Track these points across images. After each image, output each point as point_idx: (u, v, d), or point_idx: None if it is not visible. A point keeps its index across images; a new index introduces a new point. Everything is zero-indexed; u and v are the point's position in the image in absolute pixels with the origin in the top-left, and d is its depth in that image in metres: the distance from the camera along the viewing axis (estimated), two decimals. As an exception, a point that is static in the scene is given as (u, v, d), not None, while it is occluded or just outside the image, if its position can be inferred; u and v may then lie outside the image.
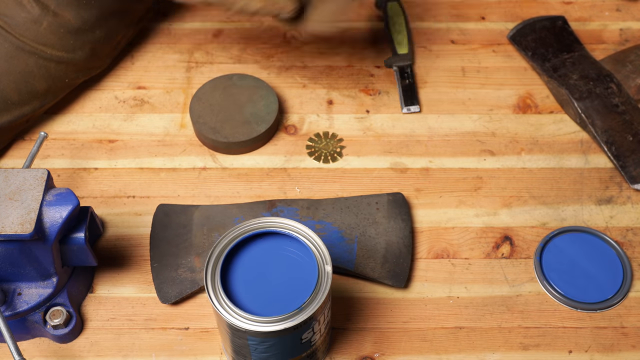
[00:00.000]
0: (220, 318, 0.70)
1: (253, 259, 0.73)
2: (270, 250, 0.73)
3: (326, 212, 0.89)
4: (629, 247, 0.90)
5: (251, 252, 0.73)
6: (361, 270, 0.85)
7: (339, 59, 1.07)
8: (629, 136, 0.96)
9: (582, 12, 1.12)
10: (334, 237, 0.87)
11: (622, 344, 0.83)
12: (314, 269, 0.71)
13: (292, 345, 0.72)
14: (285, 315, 0.68)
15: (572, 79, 1.01)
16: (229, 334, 0.72)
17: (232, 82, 1.01)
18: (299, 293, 0.70)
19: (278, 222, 0.73)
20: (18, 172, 0.77)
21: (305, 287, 0.70)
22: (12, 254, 0.76)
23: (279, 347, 0.71)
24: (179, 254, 0.86)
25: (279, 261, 0.72)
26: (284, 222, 0.73)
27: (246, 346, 0.71)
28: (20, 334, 0.81)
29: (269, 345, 0.70)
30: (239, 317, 0.68)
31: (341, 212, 0.89)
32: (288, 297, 0.70)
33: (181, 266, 0.86)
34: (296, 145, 0.98)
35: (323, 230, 0.87)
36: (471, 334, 0.83)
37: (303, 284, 0.71)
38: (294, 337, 0.70)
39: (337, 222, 0.88)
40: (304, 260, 0.72)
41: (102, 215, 0.91)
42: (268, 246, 0.73)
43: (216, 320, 0.75)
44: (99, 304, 0.85)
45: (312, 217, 0.88)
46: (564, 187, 0.94)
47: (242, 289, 0.71)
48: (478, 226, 0.91)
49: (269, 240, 0.73)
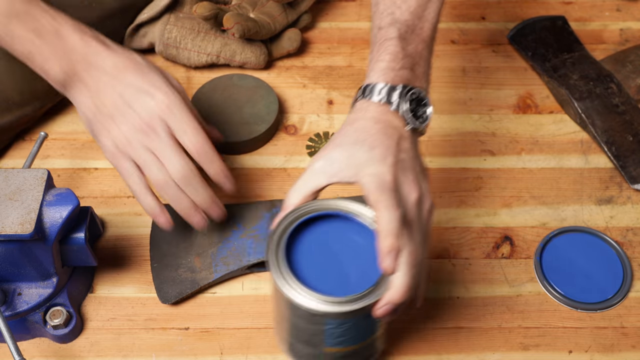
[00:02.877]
0: (292, 307, 0.68)
1: (314, 242, 0.71)
2: (330, 232, 0.72)
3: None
4: (629, 247, 0.90)
5: (311, 236, 0.71)
6: None
7: (339, 59, 1.07)
8: (629, 136, 0.96)
9: (582, 12, 1.12)
10: None
11: (622, 344, 0.83)
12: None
13: (367, 325, 0.71)
14: (365, 292, 0.67)
15: (572, 79, 1.01)
16: (300, 323, 0.70)
17: (232, 82, 1.01)
18: (368, 271, 0.69)
19: (335, 204, 0.72)
20: (18, 172, 0.77)
21: (373, 264, 0.69)
22: (12, 254, 0.76)
23: (355, 328, 0.70)
24: (179, 254, 0.86)
25: (340, 242, 0.71)
26: (342, 204, 0.72)
27: (321, 332, 0.70)
28: (20, 334, 0.81)
29: (346, 327, 0.69)
30: (318, 301, 0.67)
31: None
32: (357, 276, 0.69)
33: (181, 266, 0.86)
34: (296, 145, 0.98)
35: None
36: (471, 334, 0.83)
37: (370, 261, 0.69)
38: (370, 316, 0.69)
39: None
40: (365, 238, 0.71)
41: (102, 215, 0.91)
42: (327, 229, 0.72)
43: (279, 313, 0.73)
44: (99, 304, 0.85)
45: None
46: (564, 187, 0.94)
47: (309, 273, 0.69)
48: (478, 226, 0.91)
49: (326, 224, 0.72)
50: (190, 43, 1.01)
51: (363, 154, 0.70)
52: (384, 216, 0.68)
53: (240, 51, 1.02)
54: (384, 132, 0.72)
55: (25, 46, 0.78)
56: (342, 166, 0.71)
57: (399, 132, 0.73)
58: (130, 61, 0.79)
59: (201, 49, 1.01)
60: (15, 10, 0.77)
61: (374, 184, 0.69)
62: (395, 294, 0.68)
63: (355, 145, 0.71)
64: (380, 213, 0.68)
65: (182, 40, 1.01)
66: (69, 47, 0.78)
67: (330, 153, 0.72)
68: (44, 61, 0.78)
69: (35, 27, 0.77)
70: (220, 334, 0.83)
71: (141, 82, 0.78)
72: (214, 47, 1.02)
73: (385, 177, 0.69)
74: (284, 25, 1.05)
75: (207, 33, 1.02)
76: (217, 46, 1.02)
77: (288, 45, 1.04)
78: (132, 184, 0.79)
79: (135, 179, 0.79)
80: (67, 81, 0.79)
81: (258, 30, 1.00)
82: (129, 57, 0.80)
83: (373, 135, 0.71)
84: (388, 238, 0.67)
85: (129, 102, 0.78)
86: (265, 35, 1.02)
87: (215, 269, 0.84)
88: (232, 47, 1.02)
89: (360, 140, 0.71)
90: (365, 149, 0.71)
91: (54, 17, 0.78)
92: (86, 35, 0.79)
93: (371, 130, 0.72)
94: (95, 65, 0.78)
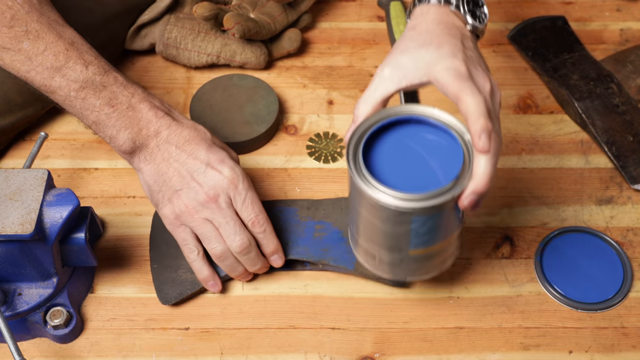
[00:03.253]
0: (379, 210, 0.70)
1: (390, 147, 0.73)
2: (405, 136, 0.73)
3: (326, 212, 0.89)
4: (629, 247, 0.90)
5: (387, 142, 0.73)
6: (361, 270, 0.84)
7: (339, 59, 1.07)
8: (629, 136, 0.96)
9: (583, 12, 1.12)
10: (334, 237, 0.87)
11: (623, 344, 0.83)
12: (456, 142, 0.72)
13: (449, 222, 0.72)
14: (448, 186, 0.69)
15: (573, 79, 1.01)
16: (387, 227, 0.71)
17: (232, 82, 1.01)
18: (447, 167, 0.71)
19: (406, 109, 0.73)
20: (18, 172, 0.77)
21: (450, 161, 0.71)
22: (12, 254, 0.76)
23: (439, 225, 0.72)
24: (178, 255, 0.86)
25: (415, 144, 0.73)
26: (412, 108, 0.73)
27: (407, 233, 0.71)
28: (20, 334, 0.81)
29: (431, 224, 0.71)
30: (405, 198, 0.68)
31: (341, 212, 0.89)
32: (437, 174, 0.71)
33: (181, 267, 0.86)
34: (296, 145, 0.98)
35: (323, 230, 0.87)
36: (471, 334, 0.83)
37: (447, 159, 0.71)
38: (455, 210, 0.71)
39: (337, 222, 0.88)
40: (440, 137, 0.73)
41: (102, 215, 0.91)
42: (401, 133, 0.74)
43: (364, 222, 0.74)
44: (99, 304, 0.85)
45: (312, 217, 0.88)
46: (564, 187, 0.94)
47: (391, 176, 0.71)
48: (478, 226, 0.91)
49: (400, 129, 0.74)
50: (190, 43, 1.01)
51: (431, 54, 0.73)
52: (471, 101, 0.70)
53: (241, 51, 1.02)
54: (448, 32, 0.75)
55: (97, 115, 0.80)
56: (411, 69, 0.73)
57: (461, 31, 0.76)
58: (197, 134, 0.82)
59: (201, 49, 1.02)
60: (91, 80, 0.79)
61: (452, 76, 0.71)
62: (480, 183, 0.69)
63: (421, 48, 0.73)
64: (466, 98, 0.70)
65: (182, 40, 1.01)
66: (140, 119, 0.80)
67: (397, 58, 0.74)
68: (114, 131, 0.80)
69: (109, 97, 0.79)
70: (220, 334, 0.83)
71: (208, 156, 0.81)
72: (214, 48, 1.02)
73: (460, 69, 0.71)
74: (284, 25, 1.05)
75: (207, 33, 1.02)
76: (217, 46, 1.02)
77: (288, 45, 1.04)
78: (188, 252, 0.82)
79: (192, 248, 0.82)
80: (134, 151, 0.81)
81: (258, 30, 1.00)
82: (196, 130, 0.82)
83: (438, 36, 0.74)
84: (480, 119, 0.69)
85: (195, 176, 0.80)
86: (266, 35, 1.02)
87: (215, 269, 0.84)
88: (232, 47, 1.02)
89: (426, 43, 0.74)
90: (432, 49, 0.73)
91: (126, 87, 0.80)
92: (156, 109, 0.81)
93: (435, 31, 0.74)
94: (164, 138, 0.80)
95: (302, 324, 0.84)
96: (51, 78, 0.79)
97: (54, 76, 0.78)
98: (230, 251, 0.81)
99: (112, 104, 0.79)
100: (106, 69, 0.80)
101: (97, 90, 0.79)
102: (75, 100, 0.79)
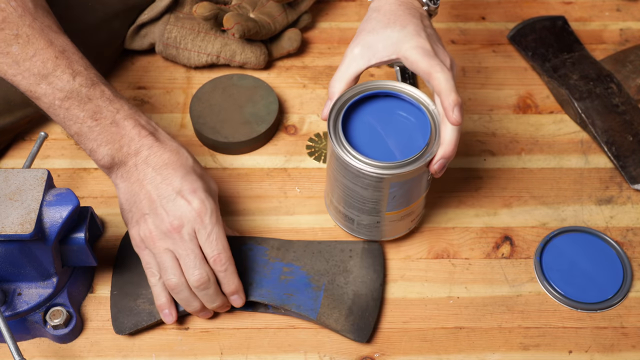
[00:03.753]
0: (361, 178, 0.78)
1: (365, 121, 0.81)
2: (376, 110, 0.82)
3: (296, 255, 0.86)
4: (629, 247, 0.90)
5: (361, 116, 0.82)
6: (324, 320, 0.82)
7: (339, 59, 1.06)
8: (629, 136, 0.96)
9: (582, 12, 1.12)
10: (301, 282, 0.84)
11: (622, 344, 0.83)
12: (423, 113, 0.81)
13: (419, 185, 0.81)
14: (420, 153, 0.77)
15: (572, 79, 1.01)
16: (367, 194, 0.80)
17: (232, 82, 1.01)
18: (416, 138, 0.80)
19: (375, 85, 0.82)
20: (18, 172, 0.77)
21: (418, 132, 0.80)
22: (12, 254, 0.76)
23: (411, 189, 0.81)
24: (140, 283, 0.84)
25: (386, 117, 0.82)
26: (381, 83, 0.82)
27: (384, 198, 0.80)
28: (20, 334, 0.81)
29: (405, 189, 0.80)
30: (384, 167, 0.77)
31: (312, 256, 0.86)
32: (408, 144, 0.80)
33: (141, 296, 0.83)
34: (296, 145, 0.98)
35: (290, 273, 0.85)
36: (471, 334, 0.83)
37: (416, 130, 0.80)
38: (426, 174, 0.80)
39: (307, 267, 0.85)
40: (409, 110, 0.82)
41: (102, 215, 0.91)
42: (372, 108, 0.82)
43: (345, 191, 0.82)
44: (99, 304, 0.85)
45: (281, 259, 0.86)
46: (564, 187, 0.94)
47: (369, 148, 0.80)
48: (478, 226, 0.91)
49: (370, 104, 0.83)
50: (190, 43, 1.01)
51: (397, 34, 0.81)
52: (442, 77, 0.78)
53: (240, 51, 1.02)
54: (409, 12, 0.82)
55: (79, 127, 0.78)
56: (379, 47, 0.81)
57: (419, 11, 0.84)
58: (177, 159, 0.80)
59: (201, 49, 1.02)
60: (77, 91, 0.78)
61: (420, 54, 0.79)
62: (448, 149, 0.78)
63: (387, 28, 0.81)
64: (437, 75, 0.78)
65: (182, 40, 1.01)
66: (123, 135, 0.79)
67: (365, 38, 0.82)
68: (94, 144, 0.79)
69: (93, 110, 0.78)
70: (220, 334, 0.83)
71: (182, 184, 0.79)
72: (214, 47, 1.02)
73: (426, 47, 0.79)
74: (284, 25, 1.05)
75: (207, 33, 1.02)
76: (217, 46, 1.02)
77: (288, 45, 1.04)
78: (150, 276, 0.81)
79: (154, 272, 0.81)
80: (112, 166, 0.80)
81: (258, 30, 1.00)
82: (178, 154, 0.80)
83: (401, 17, 0.81)
84: (452, 94, 0.77)
85: (164, 203, 0.79)
86: (266, 35, 1.02)
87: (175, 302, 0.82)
88: (232, 47, 1.02)
89: (390, 22, 0.81)
90: (397, 29, 0.81)
91: (112, 102, 0.79)
92: (141, 127, 0.80)
93: (397, 12, 0.82)
94: (143, 159, 0.79)
95: (302, 324, 0.84)
96: (37, 84, 0.77)
97: (40, 83, 0.77)
98: (186, 284, 0.79)
99: (95, 117, 0.78)
100: (94, 81, 0.79)
101: (82, 102, 0.78)
102: (59, 110, 0.78)
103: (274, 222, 0.91)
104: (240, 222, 0.91)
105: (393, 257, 0.89)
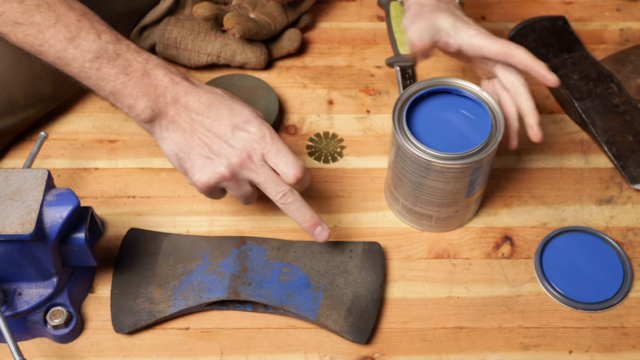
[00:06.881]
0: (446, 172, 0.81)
1: (429, 118, 0.84)
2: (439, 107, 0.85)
3: (296, 255, 0.86)
4: (629, 247, 0.90)
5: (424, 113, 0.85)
6: (323, 321, 0.82)
7: (339, 59, 1.07)
8: (629, 136, 0.96)
9: (583, 12, 1.12)
10: (301, 282, 0.84)
11: (623, 344, 0.83)
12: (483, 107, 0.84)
13: (490, 166, 0.85)
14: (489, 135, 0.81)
15: (573, 79, 1.01)
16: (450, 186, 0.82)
17: (233, 82, 1.01)
18: (478, 125, 0.84)
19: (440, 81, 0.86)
20: (18, 172, 0.77)
21: (479, 124, 0.84)
22: (12, 254, 0.76)
23: (485, 171, 0.84)
24: (140, 283, 0.84)
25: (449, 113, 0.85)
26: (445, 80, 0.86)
27: (466, 185, 0.83)
28: (20, 334, 0.81)
29: (481, 171, 0.83)
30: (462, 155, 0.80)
31: (312, 257, 0.86)
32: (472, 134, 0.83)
33: (141, 295, 0.84)
34: (296, 145, 0.98)
35: (290, 274, 0.85)
36: (471, 334, 0.83)
37: (477, 123, 0.84)
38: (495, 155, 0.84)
39: (306, 267, 0.85)
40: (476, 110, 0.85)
41: (103, 215, 0.91)
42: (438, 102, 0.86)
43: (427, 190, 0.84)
44: (99, 304, 0.85)
45: (281, 259, 0.86)
46: (564, 187, 0.94)
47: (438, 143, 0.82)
48: (478, 226, 0.91)
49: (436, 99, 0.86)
50: (190, 43, 1.01)
51: (450, 22, 0.85)
52: (521, 52, 0.84)
53: (241, 51, 1.02)
54: (446, 6, 0.87)
55: (113, 85, 0.79)
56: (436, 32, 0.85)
57: (453, 3, 0.89)
58: (215, 97, 0.81)
59: (201, 49, 1.02)
60: (104, 49, 0.78)
61: (487, 38, 0.84)
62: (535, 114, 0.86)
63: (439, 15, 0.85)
64: (516, 52, 0.84)
65: (182, 40, 1.01)
66: (157, 85, 0.79)
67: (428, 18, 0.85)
68: (131, 100, 0.79)
69: (123, 65, 0.78)
70: (220, 334, 0.83)
71: (232, 118, 0.80)
72: (214, 48, 1.02)
73: (483, 31, 0.85)
74: (284, 25, 1.05)
75: (207, 33, 1.02)
76: (217, 46, 1.02)
77: (288, 45, 1.04)
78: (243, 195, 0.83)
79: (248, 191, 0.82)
80: (154, 119, 0.79)
81: (258, 30, 1.00)
82: (213, 92, 0.81)
83: (444, 9, 0.86)
84: (536, 60, 0.83)
85: (224, 138, 0.79)
86: (266, 35, 1.02)
87: (174, 303, 0.83)
88: (232, 47, 1.02)
89: (435, 11, 0.86)
90: (449, 18, 0.85)
91: (140, 53, 0.79)
92: (173, 74, 0.80)
93: (439, 5, 0.87)
94: (184, 105, 0.79)
95: (302, 324, 0.84)
96: (64, 50, 0.78)
97: (67, 48, 0.78)
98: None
99: (127, 71, 0.78)
100: (119, 37, 0.79)
101: (111, 59, 0.78)
102: (89, 71, 0.78)
103: (274, 222, 0.91)
104: (240, 222, 0.91)
105: (393, 257, 0.89)
